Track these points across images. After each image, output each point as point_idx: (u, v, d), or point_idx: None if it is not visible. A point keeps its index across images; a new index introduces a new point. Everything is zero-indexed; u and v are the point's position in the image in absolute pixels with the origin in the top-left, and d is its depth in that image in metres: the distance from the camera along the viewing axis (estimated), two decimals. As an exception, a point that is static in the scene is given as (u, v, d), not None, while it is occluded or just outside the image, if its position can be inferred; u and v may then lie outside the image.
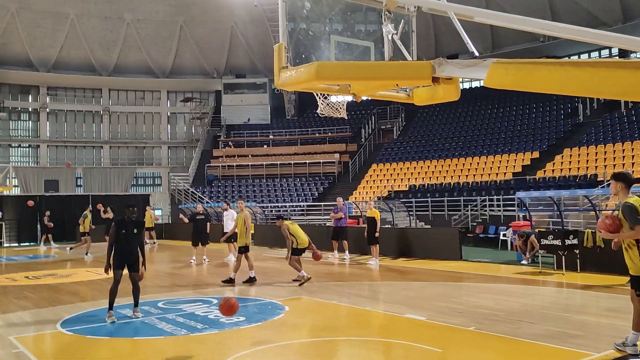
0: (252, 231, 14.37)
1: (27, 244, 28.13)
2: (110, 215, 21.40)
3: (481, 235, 19.74)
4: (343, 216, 16.76)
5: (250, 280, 11.87)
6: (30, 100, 38.26)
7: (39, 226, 28.80)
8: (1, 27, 33.97)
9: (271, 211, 28.98)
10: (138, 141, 40.29)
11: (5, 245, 26.70)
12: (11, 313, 9.19)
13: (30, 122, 38.48)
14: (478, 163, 26.70)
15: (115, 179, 38.08)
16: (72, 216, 28.66)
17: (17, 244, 27.91)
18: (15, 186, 33.61)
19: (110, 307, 8.29)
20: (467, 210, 21.23)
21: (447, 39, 31.63)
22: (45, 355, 6.72)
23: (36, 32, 35.06)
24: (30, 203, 26.00)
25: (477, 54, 5.45)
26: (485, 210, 20.84)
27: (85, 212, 19.84)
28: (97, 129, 39.80)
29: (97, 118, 39.69)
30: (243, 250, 12.12)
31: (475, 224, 20.66)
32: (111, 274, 8.27)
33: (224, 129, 38.93)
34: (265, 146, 36.79)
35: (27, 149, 38.37)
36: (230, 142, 37.48)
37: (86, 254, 18.64)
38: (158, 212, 26.30)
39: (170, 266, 16.20)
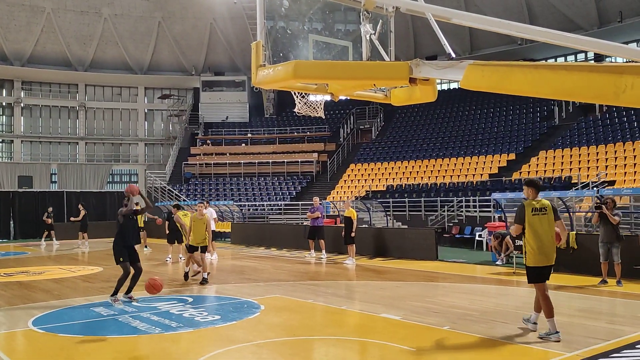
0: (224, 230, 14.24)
1: (0, 240, 27.50)
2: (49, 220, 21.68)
3: (457, 236, 19.95)
4: (320, 215, 16.76)
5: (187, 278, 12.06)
6: (4, 95, 37.45)
7: (12, 222, 28.20)
8: (-26, 19, 33.18)
9: (249, 210, 28.87)
10: (114, 138, 39.74)
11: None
12: (-20, 311, 8.98)
13: (4, 117, 37.65)
14: (455, 164, 26.98)
15: (91, 175, 37.49)
16: (43, 211, 28.11)
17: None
18: (-14, 182, 32.88)
19: (115, 292, 9.14)
20: (444, 211, 21.44)
21: (426, 40, 31.87)
22: (16, 354, 6.58)
23: (11, 25, 34.30)
24: None
25: (453, 55, 5.50)
26: (462, 211, 21.06)
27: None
28: (72, 124, 39.13)
29: (72, 114, 39.03)
30: (193, 249, 11.93)
31: (451, 224, 20.87)
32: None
33: (202, 126, 38.63)
34: (243, 144, 36.61)
35: (1, 144, 37.54)
36: (208, 140, 37.20)
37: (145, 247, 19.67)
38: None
39: (146, 264, 15.97)
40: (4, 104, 37.50)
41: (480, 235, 18.40)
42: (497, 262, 13.98)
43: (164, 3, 35.88)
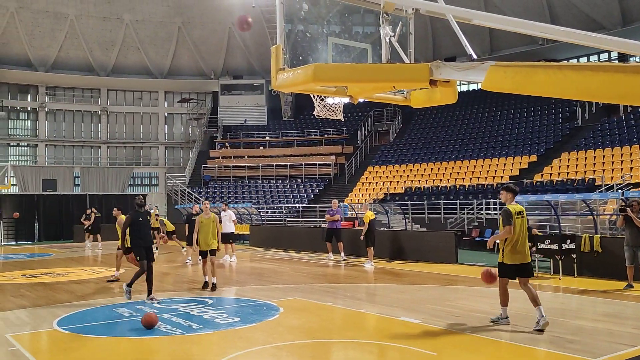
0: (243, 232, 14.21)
1: (24, 242, 28.05)
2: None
3: (477, 239, 19.76)
4: (339, 218, 16.75)
5: (206, 286, 11.16)
6: (29, 100, 38.18)
7: (36, 225, 28.75)
8: (1, 27, 33.88)
9: (267, 212, 28.98)
10: (135, 141, 40.24)
11: (3, 243, 26.60)
12: (8, 311, 9.17)
13: (29, 121, 38.39)
14: (475, 166, 26.74)
15: (113, 178, 38.01)
16: (69, 215, 28.61)
17: (14, 242, 27.83)
18: (13, 185, 33.52)
19: (130, 284, 9.50)
20: (463, 214, 21.25)
21: (446, 41, 31.69)
22: (41, 353, 6.70)
23: (35, 32, 35.00)
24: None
25: (475, 56, 5.46)
26: (482, 214, 20.86)
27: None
28: (95, 128, 39.72)
29: (95, 118, 39.63)
30: (204, 254, 11.28)
31: (471, 227, 20.67)
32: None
33: (221, 130, 38.91)
34: (261, 147, 36.78)
35: (26, 148, 38.28)
36: (226, 143, 37.47)
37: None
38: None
39: (167, 266, 16.17)
40: (29, 109, 38.25)
41: (501, 238, 18.17)
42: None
43: (183, 8, 36.28)
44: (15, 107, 37.91)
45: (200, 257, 11.61)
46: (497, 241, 7.88)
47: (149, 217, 9.83)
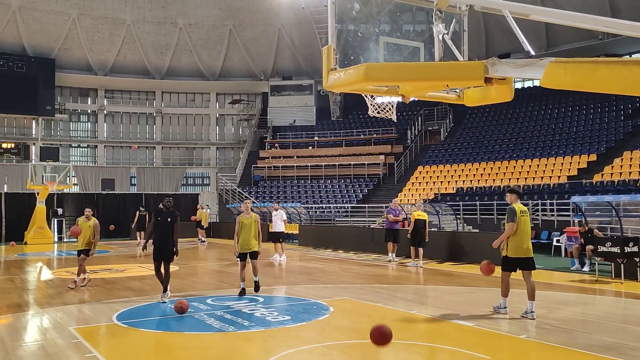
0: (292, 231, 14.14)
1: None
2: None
3: (533, 241, 19.05)
4: (402, 219, 16.54)
5: (243, 293, 10.27)
6: (89, 103, 39.88)
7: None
8: (63, 33, 35.59)
9: (316, 212, 29.10)
10: (188, 142, 41.32)
11: (65, 240, 27.88)
12: (71, 305, 9.61)
13: (89, 123, 40.08)
14: (530, 166, 25.94)
15: (167, 178, 39.18)
16: (127, 214, 29.68)
17: (75, 240, 29.03)
18: (74, 184, 35.07)
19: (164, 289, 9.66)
20: (518, 215, 20.61)
21: (499, 37, 30.91)
22: (101, 346, 6.97)
23: (95, 38, 36.56)
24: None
25: (533, 53, 5.29)
26: (538, 215, 20.21)
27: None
28: (150, 130, 41.06)
29: (150, 119, 40.96)
30: (243, 257, 10.36)
31: (526, 228, 20.04)
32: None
33: (270, 130, 39.39)
34: (310, 147, 36.98)
35: (86, 149, 40.00)
36: (276, 144, 37.89)
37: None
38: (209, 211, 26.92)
39: (218, 264, 16.54)
40: (89, 111, 39.95)
41: (558, 241, 17.59)
42: (584, 269, 13.36)
43: (235, 11, 36.97)
44: (77, 110, 39.67)
45: (238, 260, 10.41)
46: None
47: (169, 220, 9.46)
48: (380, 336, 6.30)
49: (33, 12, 34.30)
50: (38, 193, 26.48)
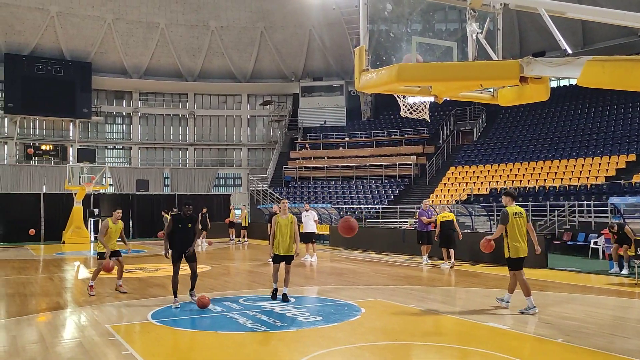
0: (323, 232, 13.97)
1: (119, 239, 29.89)
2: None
3: (569, 243, 18.72)
4: (434, 220, 16.34)
5: (275, 296, 9.85)
6: (124, 105, 40.79)
7: (130, 222, 30.62)
8: (99, 37, 36.52)
9: (346, 213, 29.06)
10: (220, 143, 41.83)
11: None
12: (107, 303, 9.84)
13: (124, 125, 41.00)
14: (566, 166, 25.34)
15: (199, 179, 39.75)
16: (160, 214, 30.19)
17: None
18: (110, 185, 35.93)
19: (175, 294, 9.35)
20: (554, 216, 20.20)
21: (533, 35, 30.30)
22: (136, 344, 7.12)
23: (130, 41, 37.39)
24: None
25: (569, 51, 5.18)
26: (574, 216, 19.73)
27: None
28: (182, 131, 41.73)
29: (183, 121, 41.64)
30: (278, 260, 9.89)
31: (562, 230, 19.61)
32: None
33: (301, 131, 39.54)
34: (340, 148, 36.96)
35: (121, 151, 40.92)
36: (306, 144, 38.01)
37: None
38: (238, 212, 27.16)
39: (250, 264, 16.68)
40: (124, 113, 40.86)
41: (595, 243, 17.14)
42: (623, 272, 13.00)
43: (265, 13, 37.27)
44: (112, 113, 40.62)
45: (271, 261, 10.18)
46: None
47: (190, 225, 9.38)
48: (347, 229, 8.70)
49: (71, 17, 35.30)
50: (75, 194, 27.20)
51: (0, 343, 7.12)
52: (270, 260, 16.20)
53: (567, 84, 32.44)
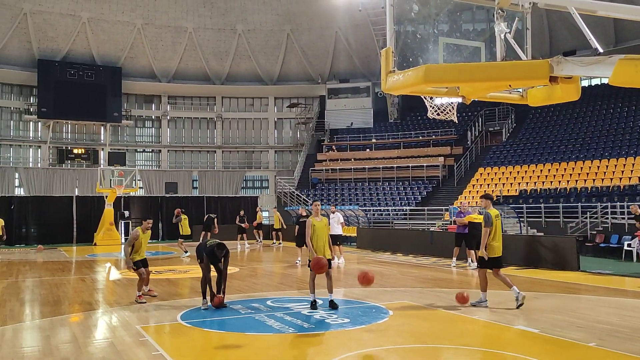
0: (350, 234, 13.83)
1: (149, 241, 30.41)
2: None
3: (602, 245, 18.28)
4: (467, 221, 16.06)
5: (315, 306, 9.23)
6: (153, 109, 41.48)
7: (160, 225, 31.14)
8: (129, 42, 37.25)
9: (374, 215, 28.97)
10: (247, 146, 42.18)
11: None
12: (138, 304, 10.01)
13: (153, 128, 41.70)
14: (598, 167, 24.77)
15: (227, 181, 40.14)
16: (189, 216, 30.58)
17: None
18: (140, 188, 36.57)
19: (204, 296, 9.45)
20: (586, 218, 19.76)
21: (563, 34, 29.75)
22: (166, 344, 7.23)
23: (159, 46, 38.04)
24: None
25: (601, 50, 5.07)
26: (607, 218, 19.26)
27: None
28: (210, 134, 42.21)
29: (210, 124, 42.12)
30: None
31: (595, 232, 19.18)
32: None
33: (328, 133, 39.57)
34: (367, 150, 36.85)
35: (150, 154, 41.62)
36: (333, 146, 38.02)
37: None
38: (265, 214, 27.36)
39: (277, 266, 16.76)
40: (153, 117, 41.56)
41: (629, 245, 16.70)
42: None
43: (292, 16, 37.46)
44: (142, 116, 41.35)
45: (298, 263, 9.94)
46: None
47: (223, 260, 9.48)
48: (365, 280, 8.59)
49: (101, 23, 36.10)
50: (106, 196, 27.78)
51: (35, 343, 7.32)
52: (298, 262, 16.12)
53: (599, 83, 31.70)
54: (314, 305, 9.13)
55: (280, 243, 25.00)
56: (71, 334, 7.76)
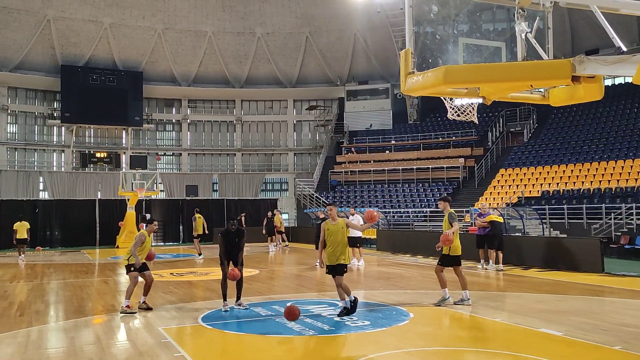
0: (370, 236, 13.76)
1: (171, 243, 30.83)
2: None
3: (627, 247, 17.94)
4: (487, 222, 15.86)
5: (350, 310, 8.73)
6: (173, 112, 41.95)
7: (181, 227, 31.44)
8: (150, 47, 37.76)
9: (393, 217, 28.83)
10: (267, 148, 42.38)
11: (152, 244, 29.44)
12: (159, 306, 10.12)
13: (174, 132, 42.16)
14: (622, 167, 24.31)
15: (247, 184, 40.37)
16: (209, 219, 30.89)
17: (162, 243, 30.69)
18: (161, 191, 36.99)
19: (224, 298, 9.56)
20: (610, 219, 19.41)
21: (585, 33, 29.30)
22: (187, 346, 7.30)
23: (179, 50, 38.49)
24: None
25: (624, 49, 4.98)
26: (632, 219, 18.89)
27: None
28: (230, 137, 42.52)
29: (230, 127, 42.43)
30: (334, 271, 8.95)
31: (619, 233, 18.82)
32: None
33: (347, 135, 39.55)
34: (387, 151, 36.72)
35: (171, 157, 42.08)
36: (352, 148, 37.98)
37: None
38: (285, 216, 27.41)
39: (297, 268, 16.80)
40: (173, 120, 42.03)
41: (655, 247, 16.36)
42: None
43: (310, 18, 37.57)
44: (162, 120, 41.84)
45: (318, 265, 9.76)
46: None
47: (237, 240, 9.65)
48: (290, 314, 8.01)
49: (123, 28, 36.66)
50: (128, 199, 28.15)
51: (60, 344, 7.45)
52: (318, 264, 16.20)
53: (622, 82, 31.13)
54: (342, 312, 8.73)
55: (287, 245, 25.02)
56: (95, 336, 7.88)
